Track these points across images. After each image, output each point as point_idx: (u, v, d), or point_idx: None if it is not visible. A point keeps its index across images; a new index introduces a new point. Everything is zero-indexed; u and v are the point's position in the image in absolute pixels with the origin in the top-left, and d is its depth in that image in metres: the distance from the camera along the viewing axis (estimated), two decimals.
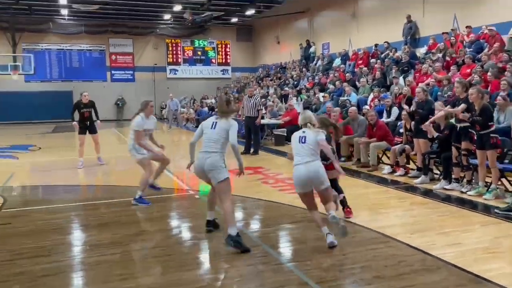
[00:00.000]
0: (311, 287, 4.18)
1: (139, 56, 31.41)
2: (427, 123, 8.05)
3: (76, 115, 11.35)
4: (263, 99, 18.23)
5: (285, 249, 5.42)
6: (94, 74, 30.30)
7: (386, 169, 9.50)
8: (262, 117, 14.03)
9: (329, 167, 5.77)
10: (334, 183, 6.20)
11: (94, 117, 11.47)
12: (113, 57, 30.86)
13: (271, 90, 21.62)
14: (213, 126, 5.54)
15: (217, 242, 5.73)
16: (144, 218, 6.70)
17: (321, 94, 16.51)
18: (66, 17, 27.86)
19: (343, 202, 6.43)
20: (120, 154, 12.81)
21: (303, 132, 5.41)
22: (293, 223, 6.28)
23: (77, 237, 6.13)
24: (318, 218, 5.26)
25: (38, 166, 12.18)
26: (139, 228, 6.10)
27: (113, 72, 30.93)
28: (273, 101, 17.99)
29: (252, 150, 12.74)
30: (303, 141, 5.35)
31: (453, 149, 7.60)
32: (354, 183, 8.81)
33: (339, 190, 6.41)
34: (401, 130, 9.78)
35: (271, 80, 24.53)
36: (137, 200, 7.23)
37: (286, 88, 20.57)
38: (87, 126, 11.32)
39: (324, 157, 5.57)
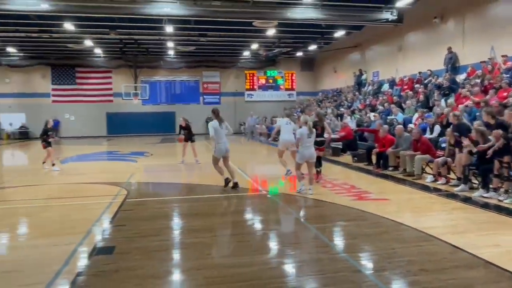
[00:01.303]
0: (364, 274, 4.01)
1: (224, 84, 32.17)
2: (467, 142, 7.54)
3: None
4: None
5: (341, 241, 5.26)
6: (190, 98, 31.45)
7: (429, 178, 8.93)
8: None
9: (320, 149, 9.00)
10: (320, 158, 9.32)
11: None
12: (205, 85, 31.84)
13: (329, 110, 21.23)
14: (221, 126, 8.26)
15: (284, 233, 5.69)
16: (227, 211, 6.79)
17: (372, 113, 15.96)
18: (172, 56, 29.27)
19: (318, 171, 9.27)
20: (208, 160, 13.13)
21: (308, 130, 7.59)
22: (347, 221, 6.07)
23: (178, 222, 6.34)
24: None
25: (150, 168, 12.74)
26: (223, 219, 6.18)
27: (204, 97, 31.89)
28: (330, 120, 17.66)
29: None
30: (309, 136, 7.62)
31: (496, 162, 6.97)
32: (400, 189, 8.40)
33: (321, 164, 9.45)
34: (444, 145, 9.19)
35: (329, 102, 24.13)
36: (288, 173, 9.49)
37: (342, 109, 20.12)
38: (189, 137, 12.99)
39: (317, 143, 8.42)
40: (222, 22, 18.84)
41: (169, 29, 19.60)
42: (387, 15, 16.97)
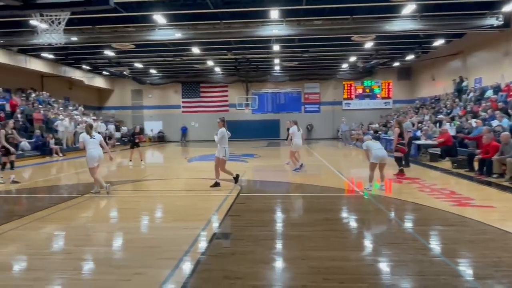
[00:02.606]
0: (466, 279, 3.57)
1: (323, 94, 31.72)
2: None
3: None
4: (419, 124, 16.76)
5: (441, 245, 4.73)
6: (293, 107, 31.70)
7: None
8: (418, 138, 12.94)
9: (401, 150, 9.94)
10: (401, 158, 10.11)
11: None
12: (306, 96, 31.82)
13: (426, 117, 19.43)
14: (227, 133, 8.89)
15: (380, 232, 5.37)
16: (326, 209, 6.67)
17: (474, 120, 14.16)
18: (278, 71, 29.96)
19: (402, 170, 10.00)
20: (308, 162, 13.07)
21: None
22: (447, 226, 5.46)
23: (283, 216, 6.36)
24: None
25: (259, 168, 13.09)
26: (323, 215, 6.08)
27: (306, 106, 31.88)
28: (427, 126, 16.15)
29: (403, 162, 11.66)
30: (378, 138, 8.90)
31: None
32: (507, 197, 7.30)
33: (402, 162, 10.17)
34: None
35: (426, 109, 22.08)
36: None
37: (440, 116, 18.23)
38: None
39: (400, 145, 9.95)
40: (323, 38, 18.65)
41: (276, 47, 20.11)
42: (492, 21, 14.94)
